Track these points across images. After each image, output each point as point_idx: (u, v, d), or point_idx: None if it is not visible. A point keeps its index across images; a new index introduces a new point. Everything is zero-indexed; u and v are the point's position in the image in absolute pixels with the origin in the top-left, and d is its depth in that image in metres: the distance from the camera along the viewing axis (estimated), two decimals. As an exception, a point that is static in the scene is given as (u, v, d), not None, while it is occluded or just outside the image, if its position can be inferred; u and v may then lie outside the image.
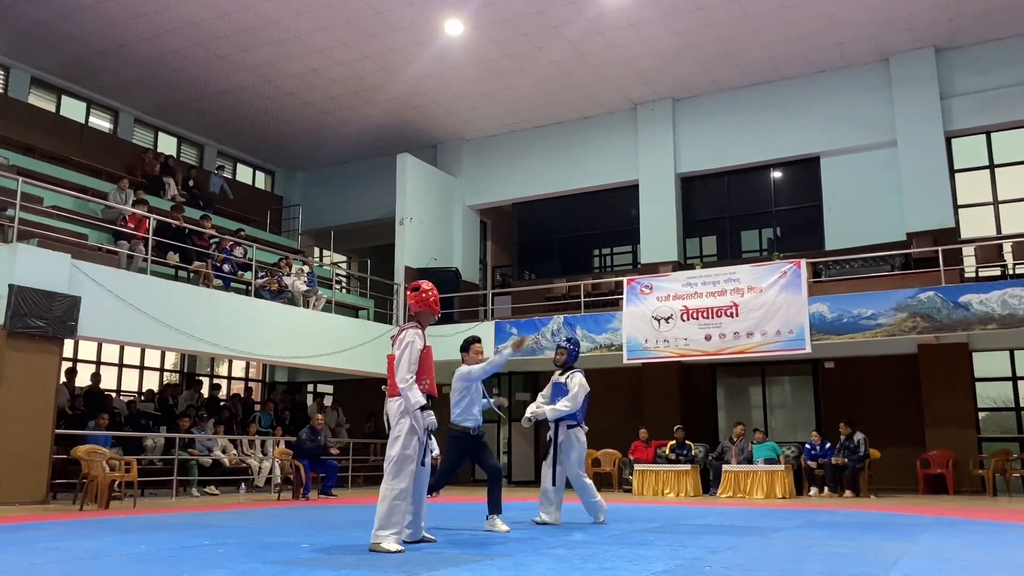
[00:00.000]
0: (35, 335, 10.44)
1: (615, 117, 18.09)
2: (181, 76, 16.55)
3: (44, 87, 16.78)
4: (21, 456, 10.18)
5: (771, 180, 17.13)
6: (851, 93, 15.96)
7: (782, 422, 16.32)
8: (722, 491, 13.31)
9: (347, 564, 4.95)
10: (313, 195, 21.69)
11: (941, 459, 13.59)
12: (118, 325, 11.63)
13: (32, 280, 10.42)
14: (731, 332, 14.19)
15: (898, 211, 15.17)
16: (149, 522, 8.10)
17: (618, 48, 15.37)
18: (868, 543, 6.24)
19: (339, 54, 15.59)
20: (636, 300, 15.10)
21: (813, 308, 13.68)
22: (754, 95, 16.81)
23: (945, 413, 13.88)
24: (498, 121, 18.69)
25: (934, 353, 14.15)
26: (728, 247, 17.41)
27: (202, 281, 13.64)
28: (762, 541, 6.44)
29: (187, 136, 19.61)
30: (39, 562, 5.09)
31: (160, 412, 14.97)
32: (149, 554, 5.49)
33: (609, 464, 15.52)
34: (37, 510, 9.63)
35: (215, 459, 13.55)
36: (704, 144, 17.18)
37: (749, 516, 9.04)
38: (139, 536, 6.66)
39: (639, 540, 6.39)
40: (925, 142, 15.07)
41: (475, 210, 19.95)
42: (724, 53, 15.59)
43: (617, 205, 18.30)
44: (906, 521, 8.34)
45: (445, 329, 16.71)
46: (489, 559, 5.24)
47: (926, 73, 15.23)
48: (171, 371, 18.72)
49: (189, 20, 14.41)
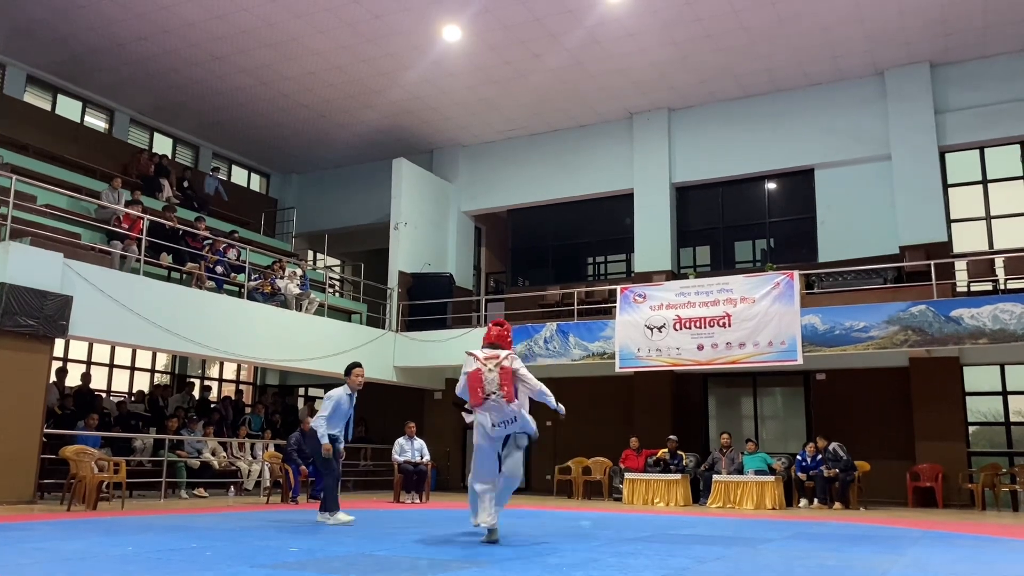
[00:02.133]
0: (26, 334, 10.40)
1: (611, 126, 18.14)
2: (178, 77, 16.53)
3: (40, 85, 16.74)
4: (9, 455, 10.13)
5: (765, 191, 17.19)
6: (846, 106, 16.03)
7: (773, 433, 16.35)
8: (712, 501, 13.32)
9: (335, 568, 4.94)
10: (308, 198, 21.67)
11: (931, 472, 13.62)
12: (110, 325, 11.60)
13: (24, 279, 10.38)
14: (723, 342, 14.21)
15: (891, 224, 15.22)
16: (137, 524, 8.07)
17: (616, 58, 15.42)
18: (856, 556, 6.25)
19: (337, 58, 15.60)
20: (629, 309, 15.11)
21: (805, 320, 13.72)
22: (750, 106, 16.88)
23: (935, 427, 13.92)
24: (495, 128, 18.71)
25: (925, 367, 14.19)
26: (722, 257, 17.44)
27: (195, 283, 13.60)
28: (750, 552, 6.45)
29: (183, 137, 19.59)
30: (25, 562, 5.06)
31: (150, 413, 14.92)
32: (136, 556, 5.47)
33: (600, 472, 15.52)
34: (24, 510, 9.58)
35: (204, 461, 13.51)
36: (699, 154, 17.22)
37: (738, 527, 9.05)
38: (126, 538, 6.63)
39: (628, 549, 6.39)
40: (919, 156, 15.14)
41: (470, 216, 19.97)
42: (721, 65, 15.66)
43: (612, 214, 18.33)
44: (894, 534, 8.36)
45: (438, 334, 16.74)
46: (477, 566, 5.23)
47: (921, 88, 15.31)
48: (162, 372, 18.66)
49: (186, 21, 14.40)
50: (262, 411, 16.66)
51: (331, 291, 17.79)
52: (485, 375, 6.42)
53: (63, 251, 11.10)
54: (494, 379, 6.39)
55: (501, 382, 6.38)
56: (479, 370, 6.44)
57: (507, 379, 6.41)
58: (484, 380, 6.40)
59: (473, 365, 6.49)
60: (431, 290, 17.82)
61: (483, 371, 6.43)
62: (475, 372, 6.45)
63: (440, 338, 16.67)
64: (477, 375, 6.43)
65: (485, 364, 6.46)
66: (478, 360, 6.50)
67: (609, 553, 6.10)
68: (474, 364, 6.49)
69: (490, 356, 6.55)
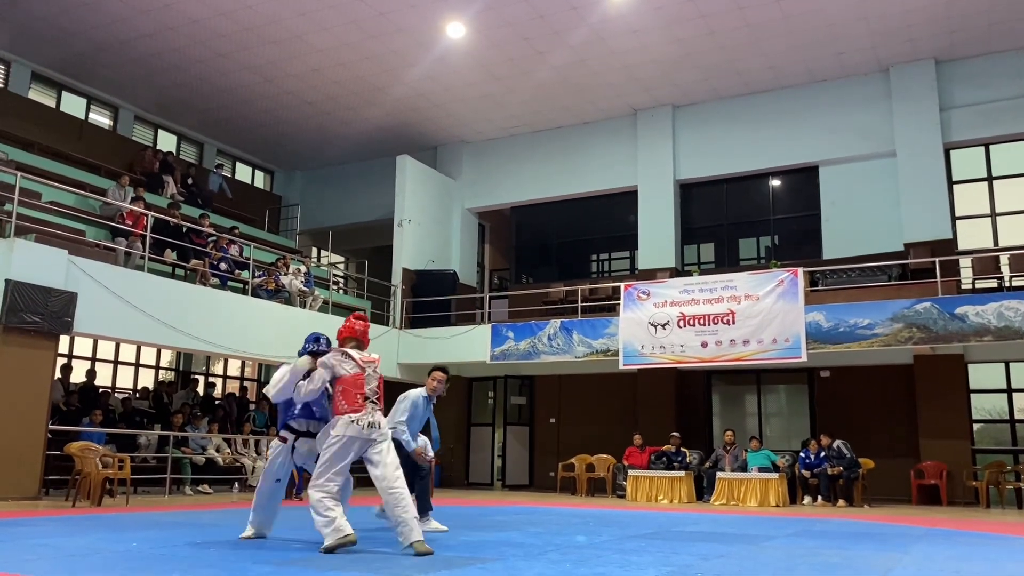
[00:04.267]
0: (30, 330, 10.42)
1: (615, 123, 18.12)
2: (182, 73, 16.54)
3: (45, 82, 16.76)
4: (14, 451, 10.16)
5: (770, 188, 17.15)
6: (851, 103, 15.99)
7: (777, 430, 16.33)
8: (716, 498, 13.32)
9: (339, 565, 4.94)
10: (312, 195, 21.68)
11: (935, 470, 13.60)
12: (114, 322, 11.62)
13: (29, 275, 10.41)
14: (727, 339, 14.20)
15: (896, 221, 15.19)
16: (141, 520, 8.09)
17: (619, 55, 15.39)
18: (860, 553, 6.24)
19: (341, 55, 15.60)
20: (633, 306, 15.10)
21: (810, 317, 13.70)
22: (754, 103, 16.84)
23: (940, 424, 13.89)
24: (498, 125, 18.70)
25: (929, 364, 14.16)
26: (726, 254, 17.42)
27: (199, 279, 13.63)
28: (754, 549, 6.45)
29: (187, 134, 19.61)
30: (30, 558, 5.08)
31: (155, 410, 14.95)
32: (141, 552, 5.48)
33: (603, 469, 15.52)
34: (29, 506, 9.61)
35: (209, 457, 13.54)
36: (703, 151, 17.20)
37: (742, 524, 9.05)
38: (131, 534, 6.65)
39: (631, 546, 6.39)
40: (924, 153, 15.10)
41: (474, 213, 19.96)
42: (725, 61, 15.62)
43: (616, 211, 18.31)
44: (899, 532, 8.35)
45: (443, 331, 16.76)
46: (481, 562, 5.24)
47: (926, 84, 15.27)
48: (167, 369, 18.68)
49: (190, 17, 14.41)
50: (266, 407, 16.69)
51: (335, 288, 17.79)
52: (368, 377, 5.95)
53: (68, 248, 11.12)
54: (373, 385, 5.96)
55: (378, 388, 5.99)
56: (360, 374, 5.92)
57: (381, 386, 6.05)
58: (366, 384, 5.91)
59: (351, 367, 5.91)
60: (435, 287, 17.83)
61: (363, 374, 5.93)
62: (358, 376, 5.89)
63: (444, 335, 16.68)
64: (359, 379, 5.89)
65: (365, 367, 5.97)
66: (356, 363, 5.94)
67: (613, 550, 6.10)
68: (353, 366, 5.91)
69: (367, 359, 6.05)
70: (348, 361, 5.92)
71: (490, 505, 11.85)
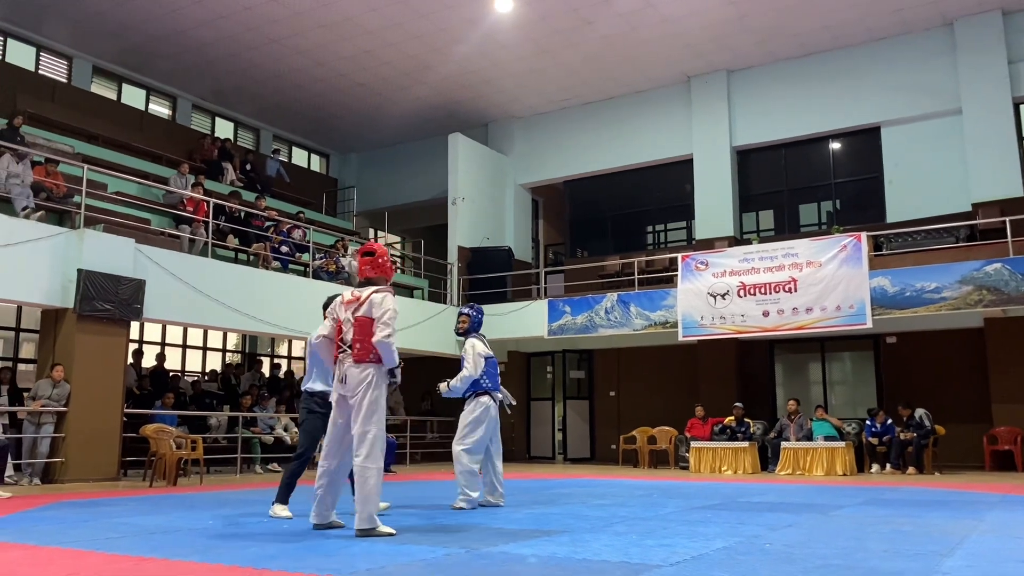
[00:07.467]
0: (103, 318, 10.77)
1: (668, 91, 17.84)
2: (236, 61, 16.80)
3: (106, 75, 17.19)
4: (93, 435, 10.56)
5: (830, 152, 16.74)
6: (913, 60, 15.47)
7: (842, 398, 16.04)
8: (781, 468, 13.16)
9: (407, 540, 5.02)
10: (367, 177, 21.89)
11: (1009, 435, 13.22)
12: (181, 307, 11.94)
13: (99, 265, 10.74)
14: (789, 308, 13.97)
15: (963, 181, 14.71)
16: (215, 498, 8.34)
17: (670, 21, 15.12)
18: (932, 521, 6.12)
19: (390, 35, 15.64)
20: (691, 276, 14.94)
21: (874, 282, 13.39)
22: (811, 65, 16.41)
23: (1013, 388, 13.48)
24: (549, 98, 18.58)
25: (1001, 327, 13.74)
26: (786, 221, 17.09)
27: (261, 263, 13.90)
28: (823, 518, 6.37)
29: (243, 120, 19.93)
30: (114, 536, 5.28)
31: (223, 392, 15.34)
32: (216, 529, 5.66)
33: (665, 441, 15.47)
34: (109, 486, 9.99)
35: (277, 437, 13.85)
36: (760, 116, 16.85)
37: (809, 493, 8.94)
38: (207, 511, 6.86)
39: (697, 517, 6.37)
40: (992, 109, 14.55)
41: (527, 188, 19.92)
42: (779, 23, 15.23)
43: (671, 180, 18.09)
44: (972, 499, 8.16)
45: (500, 308, 16.81)
46: (547, 535, 5.27)
47: (993, 37, 14.67)
48: (233, 351, 19.14)
49: (243, 5, 14.59)
50: (330, 387, 16.96)
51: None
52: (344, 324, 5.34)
53: (134, 237, 11.43)
54: (348, 330, 5.30)
55: (355, 335, 5.23)
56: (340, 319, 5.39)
57: (363, 331, 5.21)
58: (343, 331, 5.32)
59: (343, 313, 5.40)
60: (490, 264, 17.88)
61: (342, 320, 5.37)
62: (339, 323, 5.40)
63: (501, 311, 16.74)
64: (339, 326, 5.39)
65: (346, 309, 5.40)
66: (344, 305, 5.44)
67: (679, 521, 6.09)
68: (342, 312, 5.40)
69: (352, 300, 5.46)
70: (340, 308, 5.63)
71: (553, 478, 11.92)
